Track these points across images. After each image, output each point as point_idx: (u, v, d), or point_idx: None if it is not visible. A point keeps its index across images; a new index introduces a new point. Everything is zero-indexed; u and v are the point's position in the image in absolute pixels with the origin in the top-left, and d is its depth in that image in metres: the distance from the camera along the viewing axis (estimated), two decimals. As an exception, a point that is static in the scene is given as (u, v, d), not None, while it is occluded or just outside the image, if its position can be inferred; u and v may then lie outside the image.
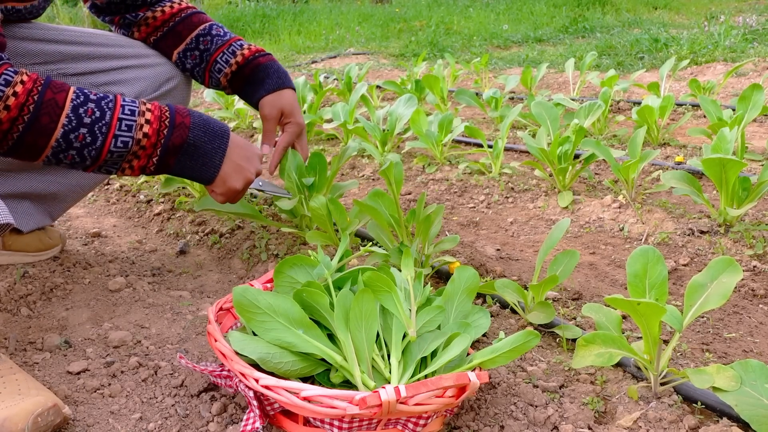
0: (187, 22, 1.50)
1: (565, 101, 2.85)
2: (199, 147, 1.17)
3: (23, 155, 1.07)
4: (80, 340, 1.20)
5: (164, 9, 1.49)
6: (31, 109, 1.02)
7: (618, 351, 0.99)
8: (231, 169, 1.22)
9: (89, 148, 1.08)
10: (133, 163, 1.14)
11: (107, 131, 1.08)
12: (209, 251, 1.73)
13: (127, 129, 1.10)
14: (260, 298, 0.94)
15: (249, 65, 1.48)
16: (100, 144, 1.08)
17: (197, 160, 1.18)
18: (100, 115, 1.08)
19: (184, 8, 1.51)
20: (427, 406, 0.84)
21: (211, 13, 10.57)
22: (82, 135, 1.06)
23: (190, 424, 0.96)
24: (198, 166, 1.19)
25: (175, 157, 1.16)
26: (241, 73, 1.48)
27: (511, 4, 9.49)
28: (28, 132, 1.03)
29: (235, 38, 1.52)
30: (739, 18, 6.23)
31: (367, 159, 2.62)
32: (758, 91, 2.02)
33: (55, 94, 1.05)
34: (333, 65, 5.93)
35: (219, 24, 1.54)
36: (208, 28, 1.50)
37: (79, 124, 1.06)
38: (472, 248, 1.68)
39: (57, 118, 1.04)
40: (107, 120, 1.08)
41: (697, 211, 1.88)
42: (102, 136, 1.08)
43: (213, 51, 1.48)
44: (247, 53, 1.49)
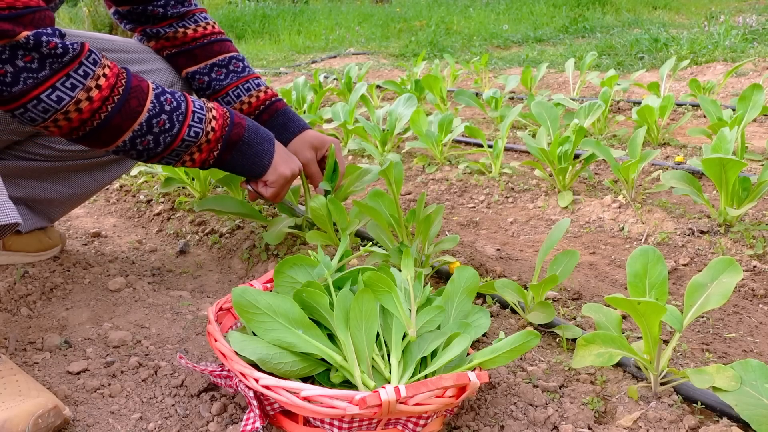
0: (207, 49, 1.52)
1: (565, 101, 2.85)
2: (252, 146, 1.28)
3: (99, 139, 1.09)
4: (80, 340, 1.20)
5: (187, 31, 1.50)
6: (121, 91, 1.06)
7: (618, 351, 0.99)
8: (280, 160, 1.33)
9: (166, 134, 1.14)
10: (194, 155, 1.21)
11: (183, 120, 1.16)
12: (209, 251, 1.73)
13: (199, 121, 1.18)
14: (260, 298, 0.94)
15: (268, 109, 1.53)
16: (177, 131, 1.15)
17: (249, 158, 1.28)
18: (176, 104, 1.15)
19: (208, 33, 1.53)
20: (427, 406, 0.84)
21: (211, 13, 10.56)
22: (163, 121, 1.13)
23: (190, 424, 0.96)
24: (249, 163, 1.29)
25: (230, 153, 1.25)
26: (259, 118, 1.53)
27: (511, 4, 9.49)
28: (117, 113, 1.07)
29: (252, 75, 1.55)
30: (739, 18, 6.23)
31: (367, 159, 2.62)
32: (758, 91, 2.02)
33: (140, 81, 1.11)
34: (333, 65, 5.93)
35: (241, 57, 1.56)
36: (227, 60, 1.53)
37: (161, 111, 1.12)
38: (472, 248, 1.68)
39: (144, 102, 1.10)
40: (183, 110, 1.16)
41: (697, 211, 1.88)
42: (179, 124, 1.15)
43: (226, 84, 1.52)
44: (263, 96, 1.54)
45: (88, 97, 1.03)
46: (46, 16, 1.00)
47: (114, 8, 1.51)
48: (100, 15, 8.31)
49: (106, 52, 1.42)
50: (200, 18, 1.53)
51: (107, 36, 1.47)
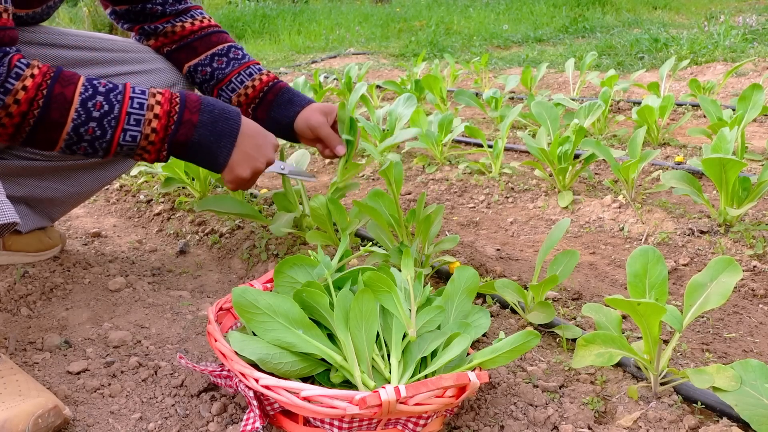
0: (206, 40, 1.51)
1: (565, 101, 2.85)
2: (204, 145, 1.18)
3: (40, 146, 1.09)
4: (80, 340, 1.20)
5: (184, 24, 1.50)
6: (41, 104, 1.03)
7: (618, 351, 0.99)
8: (240, 158, 1.22)
9: (99, 141, 1.09)
10: (144, 156, 1.16)
11: (116, 125, 1.09)
12: (209, 251, 1.73)
13: (136, 123, 1.11)
14: (260, 298, 0.94)
15: (272, 90, 1.51)
16: (110, 137, 1.09)
17: (202, 156, 1.20)
18: (108, 108, 1.08)
19: (205, 26, 1.52)
20: (427, 406, 0.84)
21: (211, 13, 10.57)
22: (92, 129, 1.07)
23: (190, 424, 0.96)
24: (202, 161, 1.21)
25: (182, 151, 1.18)
26: (264, 99, 1.50)
27: (511, 4, 9.49)
28: (39, 126, 1.04)
29: (252, 61, 1.53)
30: (739, 18, 6.23)
31: (367, 159, 2.62)
32: (758, 91, 2.02)
33: (64, 87, 1.05)
34: (333, 65, 5.93)
35: (239, 46, 1.55)
36: (226, 49, 1.52)
37: (89, 119, 1.07)
38: (472, 248, 1.68)
39: (66, 113, 1.05)
40: (116, 114, 1.09)
41: (697, 211, 1.88)
42: (111, 130, 1.09)
43: (228, 72, 1.50)
44: (266, 78, 1.51)
45: (8, 113, 1.02)
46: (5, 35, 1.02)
47: (111, 8, 1.50)
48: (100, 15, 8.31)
49: (105, 51, 1.42)
50: (196, 13, 1.53)
51: (107, 36, 1.46)
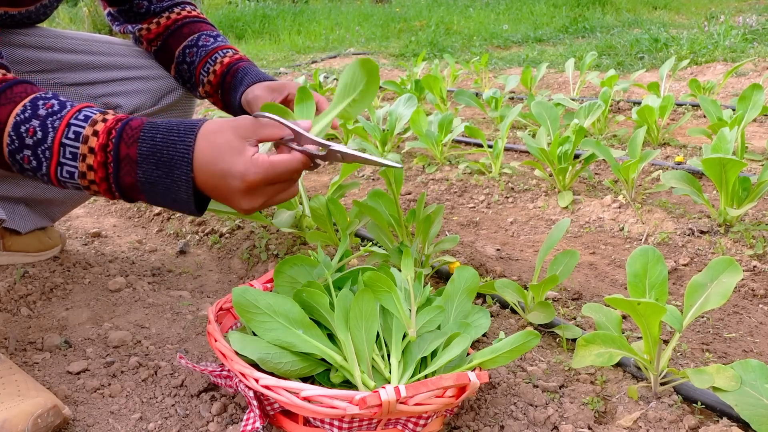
0: (177, 35, 1.40)
1: (565, 101, 2.85)
2: (156, 184, 0.87)
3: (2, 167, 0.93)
4: (80, 340, 1.20)
5: (159, 21, 1.41)
6: None
7: (618, 351, 0.99)
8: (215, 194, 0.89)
9: (39, 173, 0.89)
10: (98, 194, 0.91)
11: (50, 156, 0.87)
12: (209, 251, 1.73)
13: (72, 157, 0.87)
14: (260, 298, 0.94)
15: (230, 72, 1.35)
16: (46, 170, 0.88)
17: (164, 197, 0.89)
18: (42, 136, 0.87)
19: (180, 18, 1.41)
20: (427, 406, 0.84)
21: (212, 14, 10.57)
22: (27, 158, 0.88)
23: (190, 424, 0.96)
24: (168, 201, 0.89)
25: (137, 195, 0.90)
26: (224, 84, 1.36)
27: (511, 4, 9.49)
28: None
29: (220, 47, 1.39)
30: (739, 18, 6.23)
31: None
32: (758, 91, 2.02)
33: (2, 105, 0.88)
34: (333, 65, 5.93)
35: (210, 33, 1.41)
36: (196, 39, 1.40)
37: (22, 146, 0.88)
38: (472, 248, 1.68)
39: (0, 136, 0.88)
40: (48, 143, 0.87)
41: (697, 211, 1.88)
42: (46, 162, 0.88)
43: (197, 63, 1.38)
44: (227, 61, 1.36)
45: None
46: None
47: (108, 9, 1.45)
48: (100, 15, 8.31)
49: (102, 56, 1.38)
50: (175, 7, 1.42)
51: (106, 38, 1.45)
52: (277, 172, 0.87)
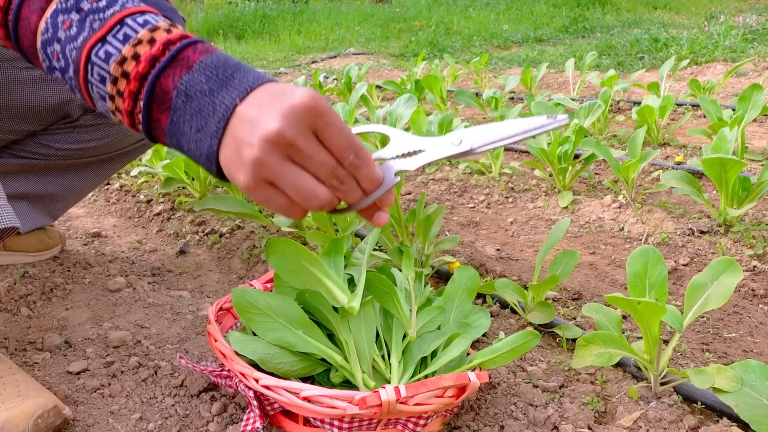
0: None
1: (565, 101, 2.85)
2: (192, 98, 0.66)
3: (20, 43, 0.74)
4: (80, 340, 1.20)
5: None
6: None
7: (618, 351, 0.99)
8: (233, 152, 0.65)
9: (66, 76, 0.71)
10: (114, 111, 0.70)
11: (78, 56, 0.69)
12: (209, 251, 1.73)
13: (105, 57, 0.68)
14: (260, 298, 0.94)
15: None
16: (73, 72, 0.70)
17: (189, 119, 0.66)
18: (76, 32, 0.69)
19: None
20: (427, 406, 0.84)
21: (211, 13, 10.57)
22: (57, 54, 0.71)
23: (190, 424, 0.96)
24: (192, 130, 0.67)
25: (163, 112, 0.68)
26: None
27: (511, 4, 9.49)
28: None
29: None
30: (739, 18, 6.23)
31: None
32: (758, 91, 2.02)
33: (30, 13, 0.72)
34: (333, 65, 5.93)
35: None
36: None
37: (54, 38, 0.70)
38: (472, 248, 1.68)
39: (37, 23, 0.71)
40: (80, 43, 0.68)
41: (697, 211, 1.88)
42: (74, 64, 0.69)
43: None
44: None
45: None
46: None
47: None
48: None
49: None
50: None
51: None
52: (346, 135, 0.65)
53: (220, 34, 9.11)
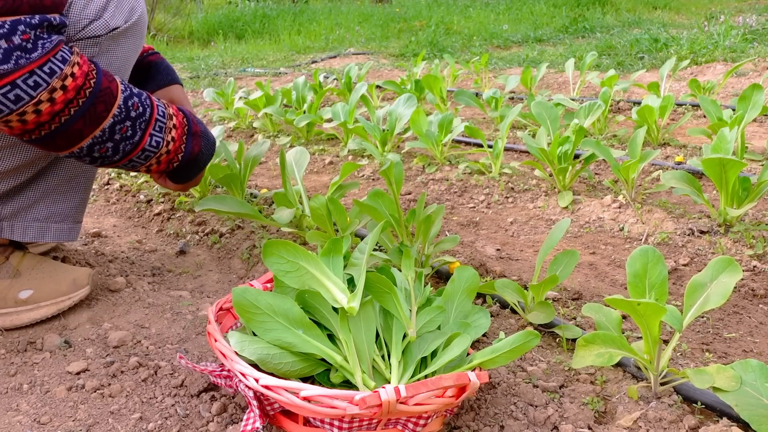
0: None
1: (565, 101, 2.85)
2: (204, 156, 1.24)
3: (55, 143, 1.01)
4: (80, 340, 1.20)
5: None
6: (88, 94, 0.99)
7: (618, 351, 0.99)
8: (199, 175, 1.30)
9: (126, 142, 1.07)
10: (152, 166, 1.16)
11: (146, 128, 1.09)
12: (209, 251, 1.72)
13: (159, 130, 1.12)
14: (260, 298, 0.94)
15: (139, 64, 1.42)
16: (138, 139, 1.09)
17: (197, 168, 1.24)
18: (142, 110, 1.08)
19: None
20: (427, 406, 0.84)
21: (211, 13, 10.57)
22: (126, 128, 1.06)
23: (190, 424, 0.96)
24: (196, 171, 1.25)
25: (188, 163, 1.20)
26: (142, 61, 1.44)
27: (511, 4, 9.49)
28: (80, 117, 0.99)
29: None
30: (739, 18, 6.23)
31: (367, 159, 2.62)
32: (758, 91, 2.02)
33: (110, 82, 1.03)
34: (333, 65, 5.93)
35: None
36: None
37: (126, 117, 1.05)
38: (472, 248, 1.68)
39: (110, 108, 1.02)
40: (147, 117, 1.09)
41: (697, 211, 1.88)
42: (141, 132, 1.08)
43: None
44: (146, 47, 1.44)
45: (50, 98, 0.94)
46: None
47: None
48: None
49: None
50: None
51: None
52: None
53: (220, 34, 9.11)
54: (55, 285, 1.26)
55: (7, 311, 1.22)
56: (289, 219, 1.55)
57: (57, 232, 1.31)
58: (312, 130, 3.03)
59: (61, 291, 1.26)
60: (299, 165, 1.78)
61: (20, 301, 1.23)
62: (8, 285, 1.24)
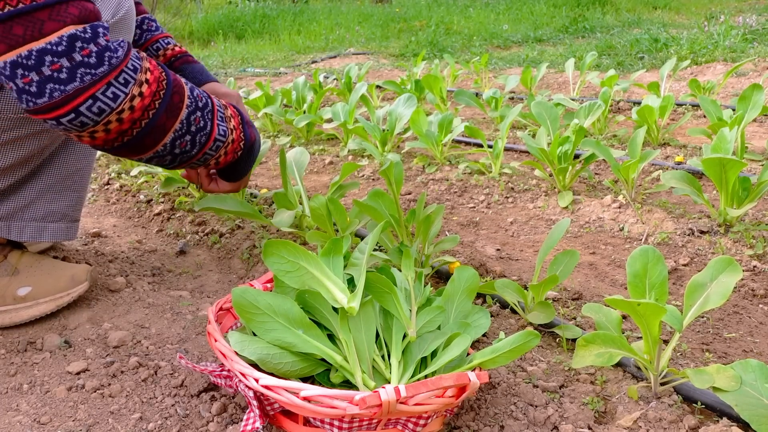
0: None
1: (565, 101, 2.85)
2: (258, 147, 1.27)
3: (142, 144, 1.01)
4: (80, 340, 1.20)
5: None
6: (165, 86, 1.00)
7: (618, 351, 0.99)
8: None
9: (201, 134, 1.09)
10: (220, 158, 1.17)
11: (212, 117, 1.11)
12: (209, 251, 1.72)
13: (221, 119, 1.14)
14: (260, 298, 0.94)
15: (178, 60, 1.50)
16: (210, 129, 1.10)
17: (253, 158, 1.26)
18: (205, 102, 1.10)
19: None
20: (427, 406, 0.84)
21: (211, 13, 10.57)
22: (198, 118, 1.07)
23: (190, 424, 0.96)
24: (250, 163, 1.26)
25: (248, 154, 1.22)
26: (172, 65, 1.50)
27: (511, 4, 9.49)
28: (164, 109, 1.00)
29: (162, 35, 1.50)
30: (739, 18, 6.24)
31: (367, 159, 2.62)
32: (758, 91, 2.02)
33: (176, 76, 1.05)
34: (333, 65, 5.94)
35: (152, 18, 1.52)
36: (139, 21, 1.47)
37: (196, 107, 1.07)
38: (472, 248, 1.68)
39: (183, 98, 1.04)
40: (210, 107, 1.11)
41: (697, 211, 1.88)
42: (210, 122, 1.10)
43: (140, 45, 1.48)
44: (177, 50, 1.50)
45: (140, 92, 0.95)
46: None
47: None
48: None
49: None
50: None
51: None
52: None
53: (220, 34, 9.11)
54: (54, 281, 1.26)
55: (6, 308, 1.22)
56: (290, 222, 1.55)
57: (54, 231, 1.31)
58: (312, 130, 3.03)
59: (59, 287, 1.26)
60: (299, 165, 1.78)
61: (19, 298, 1.23)
62: (7, 282, 1.24)
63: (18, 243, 1.34)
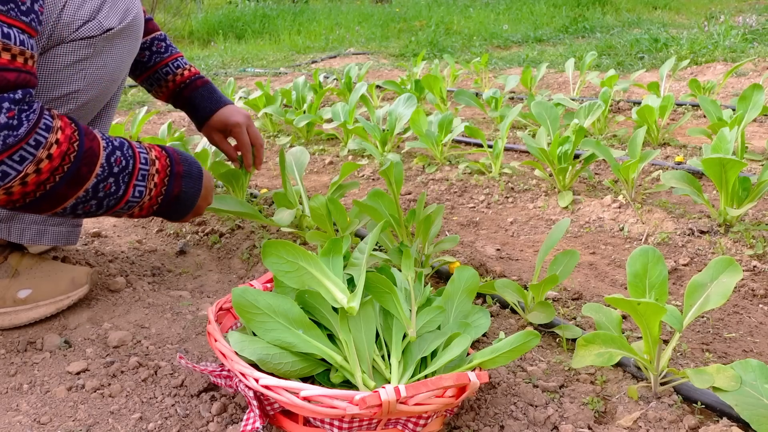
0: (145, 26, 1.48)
1: (565, 101, 2.85)
2: (188, 195, 1.17)
3: (40, 206, 0.98)
4: (80, 340, 1.20)
5: None
6: (72, 159, 0.96)
7: (618, 351, 0.99)
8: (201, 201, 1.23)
9: (110, 198, 1.04)
10: (134, 213, 1.12)
11: (129, 180, 1.06)
12: (209, 251, 1.72)
13: (143, 179, 1.09)
14: (260, 298, 0.94)
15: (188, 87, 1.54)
16: (122, 194, 1.05)
17: (183, 207, 1.18)
18: (125, 164, 1.05)
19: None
20: (427, 406, 0.84)
21: (211, 13, 10.57)
22: (109, 185, 1.03)
23: (190, 424, 0.96)
24: (183, 210, 1.19)
25: (169, 205, 1.15)
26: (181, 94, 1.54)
27: (511, 4, 9.49)
28: (64, 182, 0.96)
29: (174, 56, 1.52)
30: (739, 18, 6.24)
31: (367, 159, 2.62)
32: (758, 91, 2.02)
33: (91, 141, 1.00)
34: (333, 65, 5.94)
35: (163, 36, 1.52)
36: (149, 42, 1.49)
37: (109, 174, 1.02)
38: (472, 248, 1.68)
39: (93, 168, 0.99)
40: (130, 169, 1.06)
41: (697, 211, 1.88)
42: (124, 186, 1.05)
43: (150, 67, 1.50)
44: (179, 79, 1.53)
45: (36, 169, 0.91)
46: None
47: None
48: None
49: None
50: None
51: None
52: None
53: (220, 34, 9.11)
54: (54, 284, 1.26)
55: (6, 311, 1.22)
56: (290, 220, 1.55)
57: (55, 235, 1.31)
58: (312, 130, 3.03)
59: (59, 290, 1.26)
60: (299, 165, 1.79)
61: (19, 300, 1.23)
62: (7, 284, 1.24)
63: (19, 245, 1.34)
